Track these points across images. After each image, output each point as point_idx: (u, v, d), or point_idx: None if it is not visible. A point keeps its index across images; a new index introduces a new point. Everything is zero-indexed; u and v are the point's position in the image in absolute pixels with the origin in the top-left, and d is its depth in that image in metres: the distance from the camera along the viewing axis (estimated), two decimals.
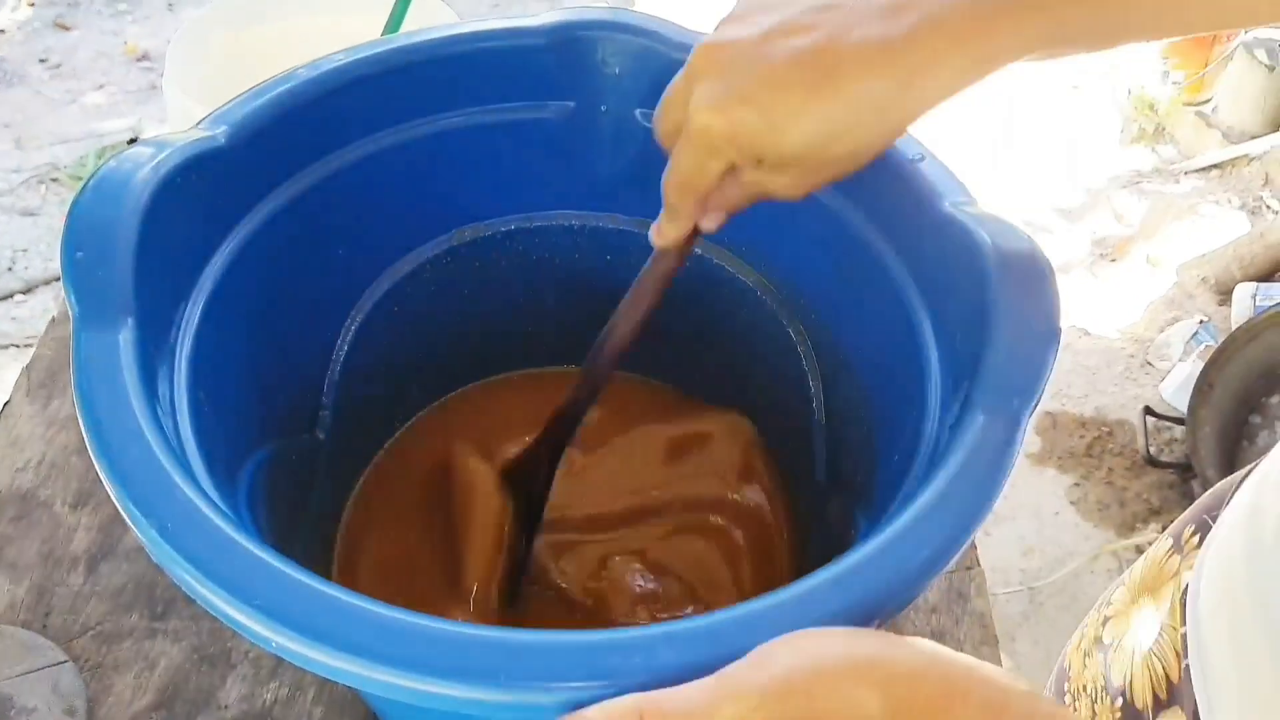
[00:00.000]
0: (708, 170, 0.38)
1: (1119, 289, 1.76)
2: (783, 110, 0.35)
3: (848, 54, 0.35)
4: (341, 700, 0.51)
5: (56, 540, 0.55)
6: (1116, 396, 1.57)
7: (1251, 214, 1.85)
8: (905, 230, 0.45)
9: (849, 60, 0.35)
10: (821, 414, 0.52)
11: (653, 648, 0.29)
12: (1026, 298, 0.38)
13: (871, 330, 0.47)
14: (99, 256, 0.37)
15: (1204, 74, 2.00)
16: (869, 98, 0.35)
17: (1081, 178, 1.97)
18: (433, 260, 0.54)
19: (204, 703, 0.50)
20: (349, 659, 0.29)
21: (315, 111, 0.46)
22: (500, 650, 0.29)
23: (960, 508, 0.33)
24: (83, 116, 1.92)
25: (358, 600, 0.30)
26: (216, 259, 0.43)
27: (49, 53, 2.05)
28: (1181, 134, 2.03)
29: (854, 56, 0.35)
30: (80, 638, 0.52)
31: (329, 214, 0.48)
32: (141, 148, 0.41)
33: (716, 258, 0.54)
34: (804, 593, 0.31)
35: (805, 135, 0.36)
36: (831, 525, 0.49)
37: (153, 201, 0.39)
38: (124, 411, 0.34)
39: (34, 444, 0.59)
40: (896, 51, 0.34)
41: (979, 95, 0.36)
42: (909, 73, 0.35)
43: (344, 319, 0.52)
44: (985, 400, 0.35)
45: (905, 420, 0.42)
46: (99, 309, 0.36)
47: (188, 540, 0.31)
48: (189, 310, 0.41)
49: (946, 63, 0.35)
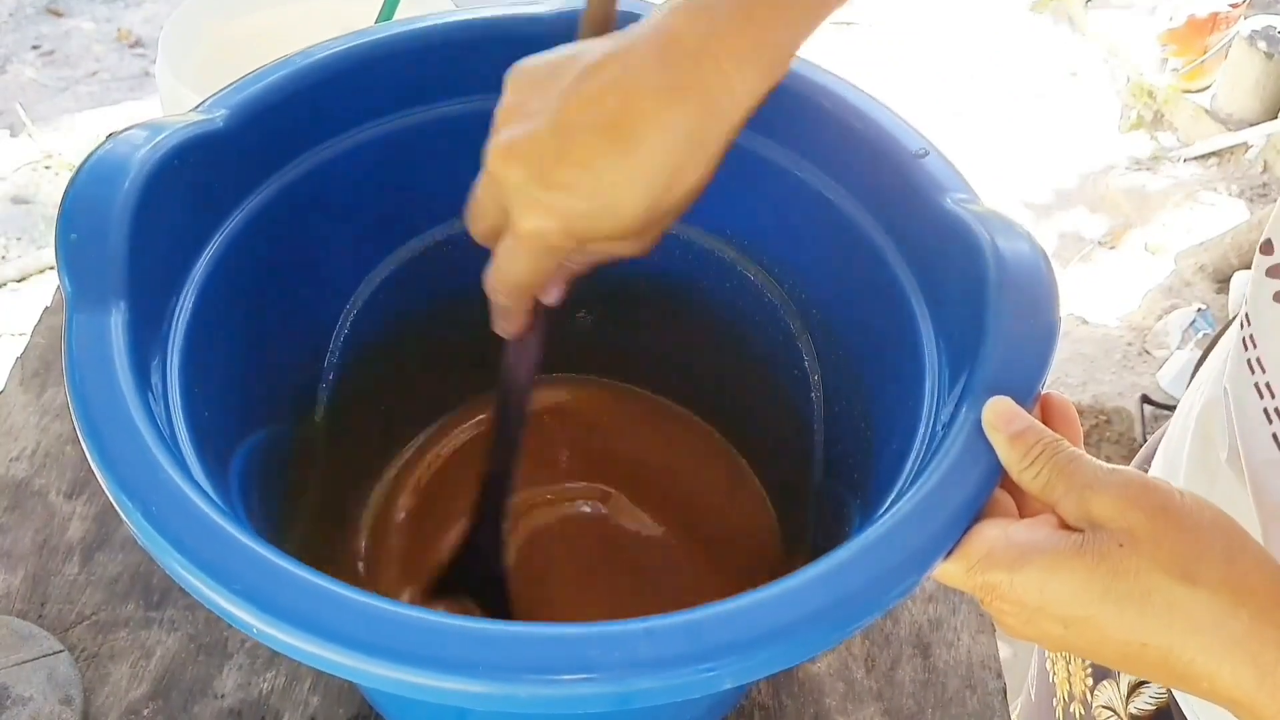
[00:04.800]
0: (546, 268, 0.37)
1: (1117, 277, 1.76)
2: (608, 188, 0.34)
3: (646, 109, 0.34)
4: (338, 690, 0.51)
5: (51, 530, 0.55)
6: (1114, 384, 1.57)
7: (1250, 201, 1.85)
8: (906, 225, 0.44)
9: (649, 114, 0.34)
10: (820, 407, 0.52)
11: (633, 642, 0.29)
12: (1025, 298, 0.38)
13: (871, 324, 0.47)
14: (93, 237, 0.36)
15: (1202, 61, 1.99)
16: (682, 139, 0.34)
17: (1080, 165, 1.97)
18: (433, 247, 0.53)
19: (200, 692, 0.50)
20: (325, 645, 0.29)
21: (315, 96, 0.45)
22: (479, 641, 0.29)
23: (953, 504, 0.33)
24: (76, 103, 1.91)
25: (336, 586, 0.30)
26: (213, 242, 0.43)
27: (41, 39, 2.03)
28: (1180, 121, 2.03)
29: (652, 108, 0.34)
30: (76, 627, 0.52)
31: (328, 200, 0.47)
32: (138, 130, 0.40)
33: (718, 249, 0.54)
34: (789, 589, 0.31)
35: (638, 201, 0.35)
36: (829, 520, 0.49)
37: (149, 183, 0.38)
38: (113, 393, 0.33)
39: (28, 433, 0.59)
40: (688, 87, 0.34)
41: (979, 87, 0.36)
42: (707, 99, 0.34)
43: (342, 306, 0.51)
44: (981, 398, 0.35)
45: (902, 415, 0.41)
46: (92, 290, 0.35)
47: (170, 521, 0.31)
48: (184, 293, 0.41)
49: (738, 75, 0.34)
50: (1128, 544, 0.30)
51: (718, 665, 0.29)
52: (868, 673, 0.52)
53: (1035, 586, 0.31)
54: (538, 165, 0.35)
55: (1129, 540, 0.30)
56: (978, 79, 2.11)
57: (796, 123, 0.48)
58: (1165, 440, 0.54)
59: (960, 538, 0.32)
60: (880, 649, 0.53)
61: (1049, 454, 0.33)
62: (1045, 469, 0.32)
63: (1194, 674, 0.30)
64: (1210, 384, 0.48)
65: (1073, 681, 0.58)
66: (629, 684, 0.29)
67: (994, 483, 0.34)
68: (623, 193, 0.34)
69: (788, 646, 0.30)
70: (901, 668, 0.53)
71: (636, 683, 0.29)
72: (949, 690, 0.52)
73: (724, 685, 0.30)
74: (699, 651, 0.29)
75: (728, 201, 0.52)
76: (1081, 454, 0.33)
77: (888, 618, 0.54)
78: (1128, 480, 0.31)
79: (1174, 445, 0.52)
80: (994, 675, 0.53)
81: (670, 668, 0.29)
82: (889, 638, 0.54)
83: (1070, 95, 2.11)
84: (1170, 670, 0.30)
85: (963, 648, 0.53)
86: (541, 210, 0.35)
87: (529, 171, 0.35)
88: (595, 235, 0.36)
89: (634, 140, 0.34)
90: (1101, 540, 0.31)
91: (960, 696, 0.52)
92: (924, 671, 0.52)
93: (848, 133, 0.46)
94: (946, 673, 0.52)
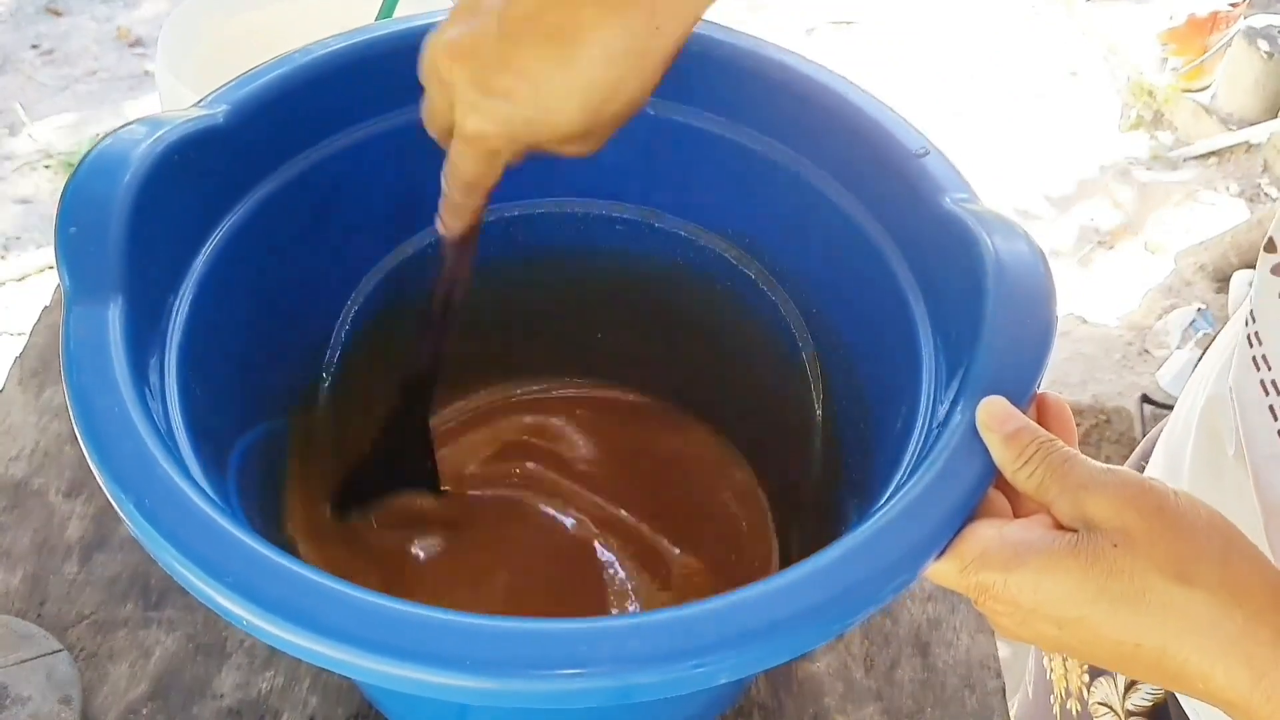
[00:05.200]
0: (494, 169, 0.38)
1: (1117, 276, 1.76)
2: (546, 97, 0.35)
3: (589, 17, 0.34)
4: (337, 689, 0.51)
5: (50, 529, 0.55)
6: (1114, 384, 1.57)
7: (1250, 201, 1.85)
8: (905, 224, 0.44)
9: (592, 22, 0.34)
10: (819, 404, 0.52)
11: (625, 637, 0.29)
12: (1023, 298, 0.38)
13: (869, 323, 0.47)
14: (92, 231, 0.36)
15: (1202, 60, 1.99)
16: (623, 49, 0.34)
17: (1080, 164, 1.97)
18: (434, 245, 0.53)
19: (199, 692, 0.50)
20: (318, 639, 0.29)
21: (317, 93, 0.45)
22: (471, 636, 0.29)
23: (946, 503, 0.33)
24: (75, 102, 1.91)
25: (329, 581, 0.30)
26: (213, 238, 0.43)
27: (41, 38, 2.03)
28: (1180, 120, 2.03)
29: (595, 17, 0.34)
30: (75, 627, 0.52)
31: (328, 197, 0.47)
32: (139, 125, 0.40)
33: (719, 248, 0.54)
34: (781, 585, 0.31)
35: (576, 111, 0.35)
36: (826, 519, 0.49)
37: (149, 178, 0.38)
38: (110, 386, 0.33)
39: (27, 433, 0.59)
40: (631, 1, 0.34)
41: (979, 87, 0.36)
42: (649, 11, 0.34)
43: (343, 303, 0.51)
44: (976, 397, 0.35)
45: (899, 414, 0.42)
46: (90, 284, 0.35)
47: (165, 515, 0.31)
48: (183, 288, 0.41)
49: None
50: (1122, 544, 0.30)
51: (709, 661, 0.29)
52: (867, 672, 0.52)
53: (1029, 587, 0.31)
54: (480, 69, 0.35)
55: (1124, 541, 0.30)
56: (978, 79, 2.11)
57: (798, 122, 0.48)
58: (1165, 438, 0.54)
59: (954, 537, 0.32)
60: (879, 648, 0.53)
61: (1043, 454, 0.33)
62: (1039, 469, 0.32)
63: (1188, 675, 0.30)
64: (1213, 380, 0.48)
65: (1069, 678, 0.58)
66: (621, 679, 0.29)
67: (988, 482, 0.34)
68: (561, 102, 0.35)
69: (778, 643, 0.30)
70: (901, 667, 0.53)
71: (628, 678, 0.29)
72: (948, 690, 0.52)
73: (715, 681, 0.30)
74: (691, 647, 0.29)
75: (729, 201, 0.52)
76: (1076, 454, 0.33)
77: (887, 617, 0.54)
78: (1123, 481, 0.31)
79: (1176, 443, 0.52)
80: (993, 675, 0.53)
81: (662, 663, 0.29)
82: (888, 637, 0.54)
83: (1070, 95, 2.11)
84: (1165, 671, 0.30)
85: (962, 647, 0.53)
86: (482, 115, 0.36)
87: (471, 75, 0.35)
88: (536, 140, 0.36)
89: (574, 50, 0.34)
90: (1096, 541, 0.30)
91: (959, 696, 0.52)
92: (923, 671, 0.52)
93: (848, 132, 0.46)
94: (945, 672, 0.52)
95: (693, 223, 0.54)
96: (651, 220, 0.54)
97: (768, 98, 0.48)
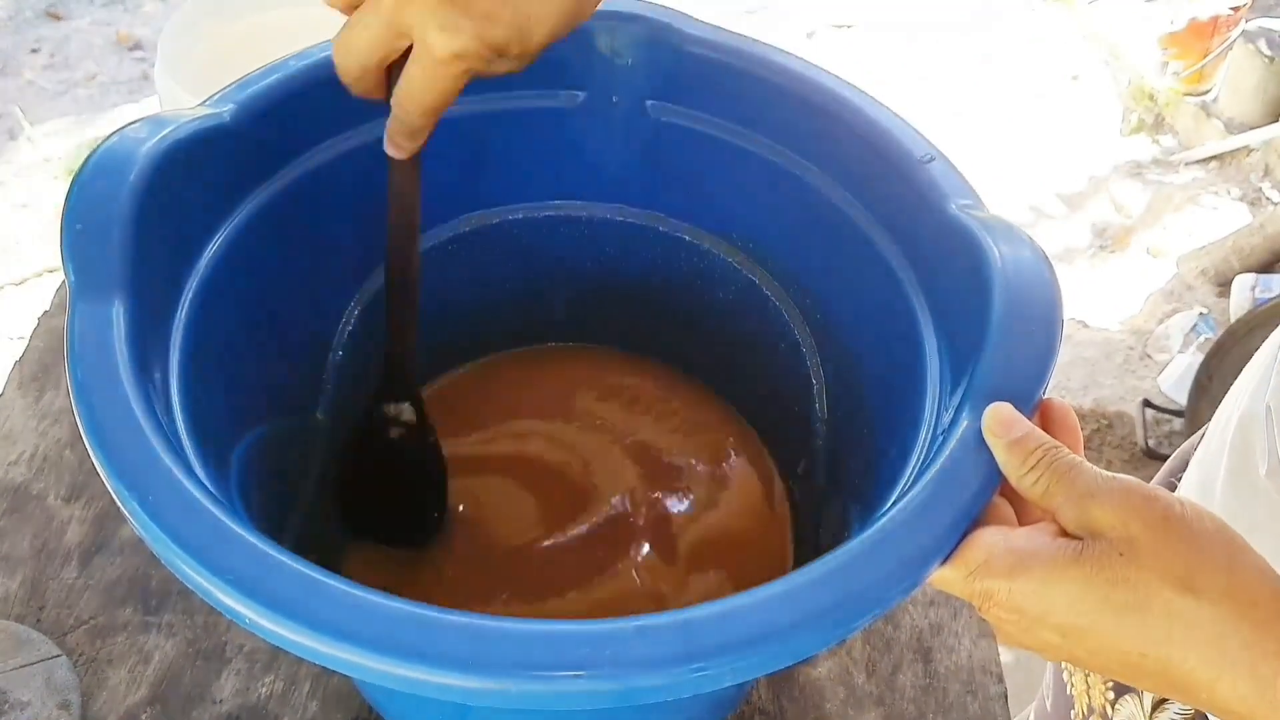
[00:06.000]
0: (458, 89, 0.38)
1: (1118, 280, 1.76)
2: (524, 18, 0.36)
3: None
4: (337, 693, 0.50)
5: (50, 534, 0.55)
6: (1115, 389, 1.57)
7: (1251, 205, 1.85)
8: (910, 230, 0.44)
9: None
10: (823, 411, 0.51)
11: (625, 640, 0.29)
12: (1027, 305, 0.38)
13: (874, 329, 0.47)
14: (98, 229, 0.36)
15: (1203, 65, 1.99)
16: None
17: (1081, 168, 1.97)
18: (437, 247, 0.53)
19: (199, 697, 0.50)
20: (316, 636, 0.29)
21: (322, 93, 0.45)
22: (471, 636, 0.29)
23: (951, 509, 0.33)
24: (75, 106, 1.91)
25: (330, 579, 0.30)
26: (218, 237, 0.43)
27: (41, 43, 2.03)
28: (1181, 125, 2.03)
29: None
30: (74, 632, 0.51)
31: (333, 198, 0.47)
32: (145, 123, 0.40)
33: (723, 253, 0.54)
34: (783, 591, 0.31)
35: (550, 30, 0.37)
36: (830, 524, 0.49)
37: (154, 177, 0.38)
38: (114, 383, 0.33)
39: (26, 437, 0.59)
40: None
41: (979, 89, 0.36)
42: None
43: (347, 303, 0.51)
44: (981, 404, 0.35)
45: (904, 420, 0.41)
46: (96, 280, 0.35)
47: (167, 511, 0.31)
48: (188, 286, 0.41)
49: None
50: (1128, 553, 0.30)
51: (709, 665, 0.29)
52: (868, 677, 0.52)
53: (1033, 594, 0.31)
54: None
55: (1129, 550, 0.30)
56: (978, 80, 2.11)
57: (803, 127, 0.48)
58: (1200, 453, 0.53)
59: (958, 543, 0.32)
60: (881, 654, 0.53)
61: (1048, 461, 0.32)
62: (1044, 476, 0.32)
63: (1193, 684, 0.30)
64: (1248, 397, 0.47)
65: (1091, 695, 0.58)
66: (622, 682, 0.29)
67: (993, 489, 0.34)
68: (539, 23, 0.36)
69: (779, 648, 0.30)
70: (902, 672, 0.52)
71: (629, 681, 0.29)
72: (950, 695, 0.52)
73: (715, 685, 0.30)
74: (691, 651, 0.29)
75: (733, 205, 0.52)
76: (1081, 461, 0.32)
77: (888, 622, 0.54)
78: (1129, 489, 0.31)
79: (1210, 459, 0.51)
80: (995, 680, 0.52)
81: (662, 667, 0.29)
82: (890, 642, 0.53)
83: (1071, 98, 2.11)
84: (1169, 681, 0.30)
85: (964, 653, 0.53)
86: (466, 36, 0.36)
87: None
88: (505, 58, 0.37)
89: None
90: (1101, 549, 0.30)
91: (961, 702, 0.51)
92: (925, 676, 0.52)
93: (853, 137, 0.46)
94: (947, 678, 0.52)
95: (697, 227, 0.54)
96: (655, 224, 0.54)
97: (773, 102, 0.48)
